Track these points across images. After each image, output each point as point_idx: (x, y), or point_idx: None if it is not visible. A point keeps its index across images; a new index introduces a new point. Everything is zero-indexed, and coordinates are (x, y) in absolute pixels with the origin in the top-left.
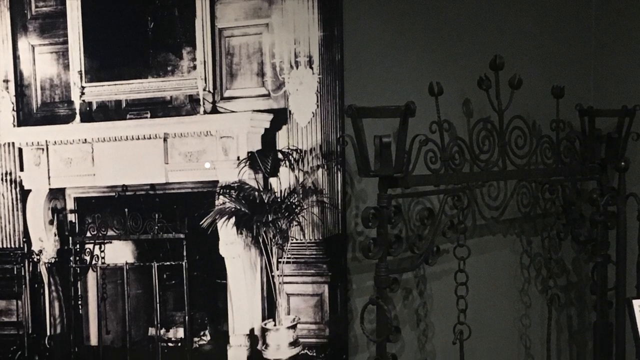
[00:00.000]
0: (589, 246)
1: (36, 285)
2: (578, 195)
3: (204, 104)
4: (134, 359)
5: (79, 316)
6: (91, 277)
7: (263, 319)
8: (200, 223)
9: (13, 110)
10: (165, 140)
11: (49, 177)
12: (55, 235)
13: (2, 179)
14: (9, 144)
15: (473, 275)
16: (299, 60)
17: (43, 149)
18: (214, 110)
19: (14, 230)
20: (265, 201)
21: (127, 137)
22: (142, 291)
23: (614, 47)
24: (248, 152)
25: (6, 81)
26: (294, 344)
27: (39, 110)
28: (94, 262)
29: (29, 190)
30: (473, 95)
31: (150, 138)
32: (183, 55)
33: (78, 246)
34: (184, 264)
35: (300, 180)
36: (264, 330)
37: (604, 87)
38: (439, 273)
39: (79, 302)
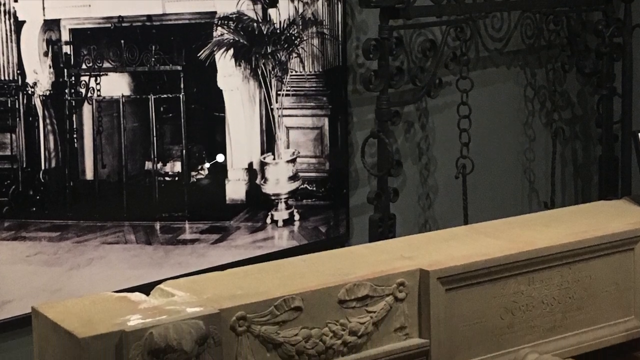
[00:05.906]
0: (594, 78)
1: (30, 119)
2: (583, 27)
3: None
4: (131, 193)
5: (75, 150)
6: (87, 110)
7: (262, 153)
8: (198, 55)
9: None
10: None
11: (43, 8)
12: (50, 67)
13: None
14: None
15: (476, 108)
16: None
17: None
18: None
19: (8, 62)
20: (264, 32)
21: None
22: (139, 124)
23: None
24: None
25: None
26: (293, 178)
27: None
28: (89, 94)
29: (23, 22)
30: None
31: None
32: None
33: (73, 78)
34: (181, 96)
35: (300, 11)
36: (263, 164)
37: None
38: (441, 106)
39: (74, 136)
